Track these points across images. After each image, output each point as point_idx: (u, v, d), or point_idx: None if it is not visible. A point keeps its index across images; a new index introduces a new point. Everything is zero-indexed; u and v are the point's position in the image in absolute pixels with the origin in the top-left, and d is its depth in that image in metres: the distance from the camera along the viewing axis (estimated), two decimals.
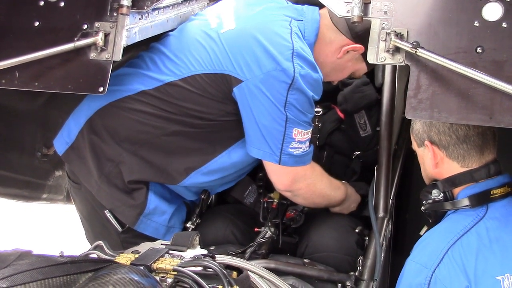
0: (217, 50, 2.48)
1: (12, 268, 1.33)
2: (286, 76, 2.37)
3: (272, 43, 2.42)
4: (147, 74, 2.57)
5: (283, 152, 2.46)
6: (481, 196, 2.15)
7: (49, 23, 2.34)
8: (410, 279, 2.08)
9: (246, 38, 2.46)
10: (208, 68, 2.48)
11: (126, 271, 1.35)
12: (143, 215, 2.60)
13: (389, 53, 2.03)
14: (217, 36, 2.51)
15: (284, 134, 2.43)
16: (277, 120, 2.41)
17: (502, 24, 1.89)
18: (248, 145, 2.54)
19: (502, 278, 1.96)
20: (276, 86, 2.39)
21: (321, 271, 2.50)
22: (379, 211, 2.78)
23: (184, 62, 2.53)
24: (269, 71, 2.39)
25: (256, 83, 2.40)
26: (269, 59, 2.40)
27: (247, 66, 2.42)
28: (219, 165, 2.65)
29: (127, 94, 2.56)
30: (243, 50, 2.44)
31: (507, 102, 1.84)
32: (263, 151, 2.49)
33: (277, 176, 2.59)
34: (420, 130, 2.28)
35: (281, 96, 2.39)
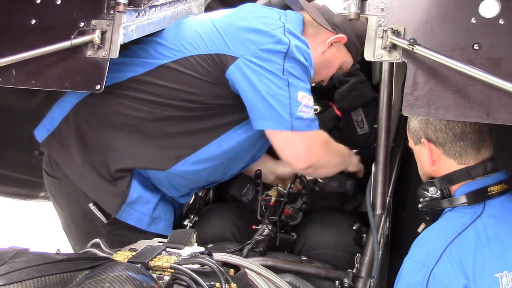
0: (211, 33, 2.50)
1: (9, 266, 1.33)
2: (281, 45, 2.40)
3: (265, 24, 2.48)
4: (137, 60, 2.58)
5: (293, 117, 2.42)
6: (478, 194, 2.15)
7: (46, 21, 2.34)
8: (409, 277, 2.08)
9: (239, 20, 2.52)
10: (202, 50, 2.48)
11: (123, 269, 1.35)
12: (126, 203, 2.57)
13: (386, 50, 2.04)
14: (211, 23, 2.54)
15: (290, 98, 2.41)
16: (280, 85, 2.40)
17: (499, 21, 1.89)
18: (256, 120, 2.48)
19: (500, 275, 1.96)
20: (272, 57, 2.40)
21: (318, 268, 2.50)
22: (377, 208, 2.78)
23: (177, 46, 2.53)
24: (264, 44, 2.42)
25: (252, 57, 2.41)
26: (263, 35, 2.44)
27: (241, 44, 2.44)
28: (209, 154, 2.61)
29: (116, 81, 2.56)
30: (237, 30, 2.47)
31: (504, 99, 1.84)
32: (273, 121, 2.43)
33: (293, 148, 2.50)
34: (417, 128, 2.28)
35: (278, 65, 2.40)
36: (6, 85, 2.34)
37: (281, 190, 2.90)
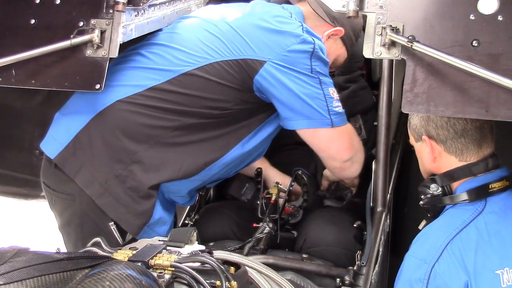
0: (232, 37, 2.46)
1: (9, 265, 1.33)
2: (307, 45, 2.43)
3: (284, 23, 2.49)
4: (155, 68, 2.50)
5: (331, 113, 2.47)
6: (479, 190, 2.15)
7: (45, 20, 2.34)
8: (410, 274, 2.08)
9: (258, 22, 2.49)
10: (226, 56, 2.44)
11: (123, 267, 1.35)
12: (148, 225, 2.49)
13: (385, 47, 2.04)
14: (227, 25, 2.51)
15: (324, 95, 2.45)
16: (313, 84, 2.44)
17: (497, 17, 1.89)
18: (294, 120, 2.49)
19: (501, 272, 1.97)
20: (300, 57, 2.42)
21: (319, 266, 2.50)
22: (377, 205, 2.78)
23: (199, 52, 2.47)
24: (290, 45, 2.42)
25: (280, 60, 2.41)
26: (287, 36, 2.44)
27: (267, 46, 2.43)
28: (233, 157, 2.60)
29: (137, 91, 2.46)
30: (259, 33, 2.46)
31: (503, 95, 1.84)
32: (314, 119, 2.47)
33: (336, 143, 2.56)
34: (418, 125, 2.28)
35: (306, 65, 2.42)
36: (6, 85, 2.35)
37: (281, 188, 2.90)
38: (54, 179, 2.59)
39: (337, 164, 2.67)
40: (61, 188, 2.56)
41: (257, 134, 2.62)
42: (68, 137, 2.50)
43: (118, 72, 2.52)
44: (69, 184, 2.51)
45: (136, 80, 2.49)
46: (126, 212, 2.46)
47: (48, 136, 2.60)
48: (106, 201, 2.45)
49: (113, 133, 2.45)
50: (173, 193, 2.61)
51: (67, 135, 2.50)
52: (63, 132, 2.53)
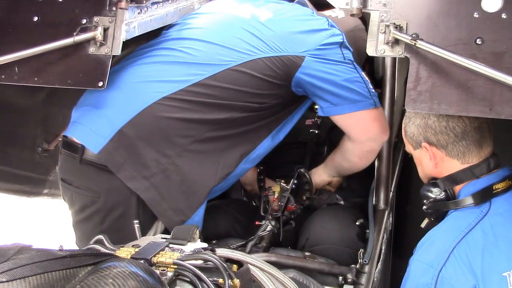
0: (270, 36, 2.53)
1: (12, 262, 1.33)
2: (337, 37, 2.54)
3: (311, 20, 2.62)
4: (198, 63, 2.51)
5: (371, 93, 2.58)
6: (484, 193, 2.15)
7: (48, 18, 2.34)
8: (416, 279, 2.08)
9: (289, 22, 2.59)
10: (268, 53, 2.50)
11: (125, 265, 1.34)
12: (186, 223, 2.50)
13: (389, 45, 2.04)
14: (262, 24, 2.57)
15: (362, 78, 2.56)
16: (350, 70, 2.54)
17: (501, 15, 1.89)
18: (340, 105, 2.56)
19: (508, 274, 1.96)
20: (332, 49, 2.53)
21: (322, 264, 2.50)
22: (380, 204, 2.77)
23: (241, 48, 2.52)
24: (322, 39, 2.51)
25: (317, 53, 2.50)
26: (317, 31, 2.54)
27: (304, 43, 2.51)
28: (263, 150, 2.68)
29: (182, 87, 2.47)
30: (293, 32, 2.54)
31: (507, 93, 1.84)
32: (359, 103, 2.56)
33: (379, 123, 2.65)
34: (415, 133, 2.27)
35: (339, 55, 2.53)
36: (9, 82, 2.35)
37: (284, 186, 2.89)
38: (78, 176, 2.56)
39: (375, 146, 2.75)
40: (86, 185, 2.54)
41: (284, 126, 2.71)
42: (111, 131, 2.44)
43: (157, 68, 2.53)
44: (96, 181, 2.50)
45: (180, 75, 2.50)
46: (168, 208, 2.47)
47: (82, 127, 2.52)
48: (151, 195, 2.45)
49: (159, 128, 2.45)
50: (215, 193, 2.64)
51: (110, 129, 2.44)
52: (105, 125, 2.46)
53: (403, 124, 2.35)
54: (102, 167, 2.45)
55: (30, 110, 3.20)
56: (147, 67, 2.53)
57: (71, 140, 2.53)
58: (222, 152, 2.54)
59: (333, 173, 3.00)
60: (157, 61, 2.56)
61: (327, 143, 3.24)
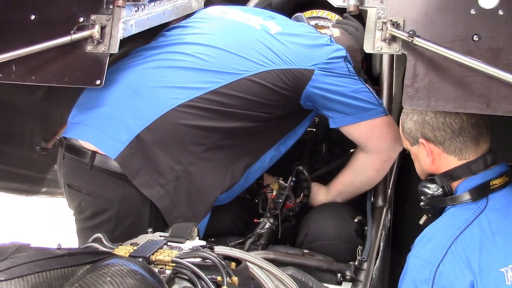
0: (281, 49, 2.56)
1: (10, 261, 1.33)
2: (341, 51, 2.60)
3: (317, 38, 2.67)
4: (214, 70, 2.50)
5: (380, 102, 2.66)
6: (481, 189, 2.15)
7: (45, 16, 2.34)
8: (414, 275, 2.08)
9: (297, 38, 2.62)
10: (280, 65, 2.52)
11: (124, 263, 1.34)
12: None
13: (386, 42, 2.04)
14: (272, 37, 2.61)
15: (368, 88, 2.63)
16: (356, 81, 2.60)
17: (498, 12, 1.89)
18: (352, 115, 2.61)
19: (505, 269, 1.97)
20: (338, 62, 2.58)
21: (320, 261, 2.50)
22: (378, 201, 2.78)
23: (255, 59, 2.53)
24: (328, 54, 2.57)
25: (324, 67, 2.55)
26: (324, 47, 2.60)
27: (312, 57, 2.55)
28: (267, 161, 2.71)
29: (199, 94, 2.45)
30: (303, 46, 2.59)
31: (504, 89, 1.84)
32: (371, 111, 2.61)
33: (393, 129, 2.68)
34: (413, 129, 2.27)
35: (344, 68, 2.59)
36: (6, 81, 2.35)
37: (282, 183, 2.90)
38: (89, 183, 2.49)
39: (393, 154, 2.78)
40: (98, 193, 2.48)
41: (288, 138, 2.74)
42: (129, 136, 2.39)
43: (173, 73, 2.51)
44: (110, 189, 2.45)
45: (196, 82, 2.48)
46: (179, 215, 2.45)
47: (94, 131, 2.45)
48: (165, 203, 2.42)
49: (175, 135, 2.42)
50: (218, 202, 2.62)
51: (128, 134, 2.39)
52: (123, 130, 2.41)
53: (401, 120, 2.36)
54: (115, 174, 2.41)
55: (28, 108, 3.19)
56: (163, 71, 2.51)
57: (78, 145, 2.47)
58: (231, 161, 2.56)
59: (336, 198, 2.98)
60: (173, 65, 2.53)
61: (325, 142, 3.24)
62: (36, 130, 3.30)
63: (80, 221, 2.58)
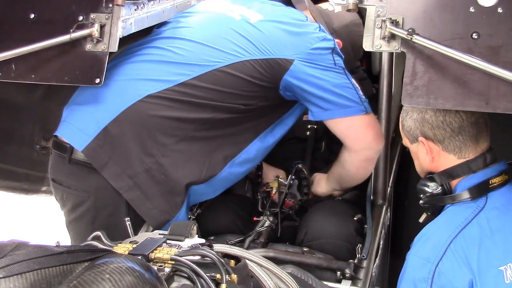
0: (259, 38, 2.50)
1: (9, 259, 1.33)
2: (327, 43, 2.50)
3: (302, 25, 2.56)
4: (184, 63, 2.49)
5: (362, 99, 2.54)
6: (480, 187, 2.15)
7: (44, 15, 2.34)
8: (413, 273, 2.08)
9: (279, 25, 2.54)
10: (256, 55, 2.47)
11: (122, 260, 1.34)
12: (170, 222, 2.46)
13: (385, 40, 2.04)
14: (252, 26, 2.54)
15: (352, 84, 2.53)
16: (340, 75, 2.52)
17: (497, 10, 1.89)
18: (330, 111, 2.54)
19: (504, 268, 1.96)
20: (323, 54, 2.49)
21: (320, 259, 2.51)
22: (378, 199, 2.78)
23: (228, 49, 2.49)
24: (313, 43, 2.48)
25: (306, 57, 2.47)
26: (308, 36, 2.50)
27: (293, 46, 2.48)
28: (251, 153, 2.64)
29: (168, 86, 2.46)
30: (283, 34, 2.51)
31: (503, 87, 1.84)
32: (350, 108, 2.53)
33: (373, 129, 2.62)
34: (412, 127, 2.27)
35: (330, 61, 2.50)
36: (6, 79, 2.35)
37: (282, 181, 2.90)
38: (68, 176, 2.56)
39: (371, 154, 2.70)
40: (75, 185, 2.54)
41: (274, 129, 2.68)
42: (96, 128, 2.44)
43: (144, 66, 2.52)
44: (85, 180, 2.50)
45: (165, 75, 2.48)
46: (153, 207, 2.46)
47: (69, 126, 2.53)
48: (134, 195, 2.45)
49: (144, 126, 2.44)
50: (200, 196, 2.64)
51: (96, 127, 2.45)
52: (91, 123, 2.47)
53: (401, 118, 2.36)
54: (90, 166, 2.45)
55: (28, 107, 3.20)
56: (136, 65, 2.52)
57: (60, 140, 2.54)
58: (207, 153, 2.53)
59: (335, 186, 2.99)
60: (146, 59, 2.54)
61: (325, 138, 3.24)
62: (36, 129, 3.31)
63: (66, 215, 2.66)
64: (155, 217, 2.48)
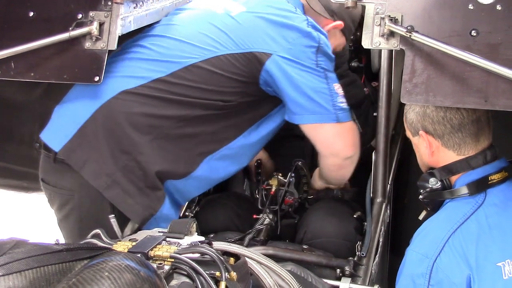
0: (237, 31, 2.44)
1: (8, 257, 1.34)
2: (312, 40, 2.40)
3: (287, 18, 2.45)
4: (160, 60, 2.47)
5: (336, 108, 2.44)
6: (479, 183, 2.15)
7: (43, 13, 2.34)
8: (412, 269, 2.08)
9: (262, 16, 2.46)
10: (233, 49, 2.42)
11: (122, 258, 1.35)
12: (155, 217, 2.47)
13: (384, 37, 2.04)
14: (231, 18, 2.49)
15: (330, 90, 2.43)
16: (318, 78, 2.42)
17: (496, 7, 1.89)
18: (300, 115, 2.47)
19: (502, 264, 1.96)
20: (305, 52, 2.40)
21: (319, 256, 2.50)
22: (377, 196, 2.78)
23: (204, 44, 2.45)
24: (295, 39, 2.40)
25: (286, 53, 2.39)
26: (291, 29, 2.41)
27: (272, 40, 2.40)
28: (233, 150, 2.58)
29: (142, 83, 2.44)
30: (264, 27, 2.43)
31: (502, 84, 1.85)
32: (319, 115, 2.44)
33: (342, 139, 2.53)
34: (414, 120, 2.27)
35: (311, 60, 2.40)
36: (5, 77, 2.35)
37: (281, 179, 2.90)
38: (53, 175, 2.58)
39: (338, 161, 2.63)
40: (61, 184, 2.55)
41: (260, 126, 2.62)
42: (73, 128, 2.45)
43: (122, 64, 2.50)
44: (69, 179, 2.50)
45: (140, 72, 2.46)
46: (135, 203, 2.45)
47: (50, 127, 2.56)
48: (114, 193, 2.43)
49: (118, 123, 2.42)
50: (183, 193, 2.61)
51: (72, 127, 2.45)
52: (68, 123, 2.48)
53: (405, 110, 2.35)
54: None
55: (27, 105, 3.20)
56: (114, 63, 2.50)
57: None
58: (185, 150, 2.50)
59: (324, 182, 2.98)
60: (124, 57, 2.53)
61: None
62: (35, 127, 3.30)
63: (55, 214, 2.67)
64: (138, 213, 2.46)
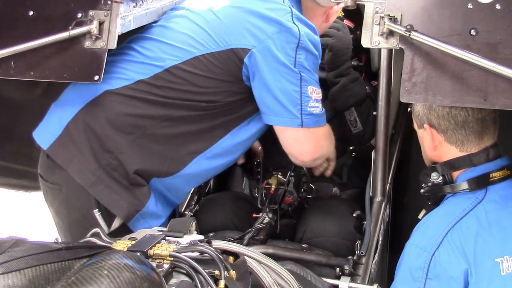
0: (217, 27, 2.41)
1: (7, 255, 1.34)
2: (292, 36, 2.34)
3: (270, 10, 2.40)
4: (144, 62, 2.47)
5: (304, 113, 2.39)
6: (480, 180, 2.15)
7: (43, 12, 2.35)
8: (410, 262, 2.09)
9: (244, 9, 2.43)
10: (212, 48, 2.39)
11: (121, 257, 1.34)
12: (140, 212, 2.48)
13: (383, 37, 2.04)
14: (212, 14, 2.46)
15: (301, 93, 2.37)
16: (292, 80, 2.36)
17: (495, 6, 1.89)
18: (266, 115, 2.45)
19: (501, 260, 1.97)
20: (284, 47, 2.35)
21: (319, 255, 2.51)
22: (377, 195, 2.78)
23: (185, 45, 2.43)
24: (274, 33, 2.34)
25: (264, 48, 2.34)
26: (272, 23, 2.36)
27: (251, 34, 2.36)
28: (224, 148, 2.56)
29: (125, 84, 2.44)
30: (244, 21, 2.39)
31: (502, 84, 1.85)
32: (284, 117, 2.41)
33: (301, 145, 2.49)
34: (420, 113, 2.28)
35: (290, 57, 2.35)
36: (5, 76, 2.36)
37: (281, 178, 2.90)
38: (46, 170, 2.62)
39: (297, 162, 2.64)
40: (51, 178, 2.59)
41: (250, 123, 2.59)
42: (59, 128, 2.50)
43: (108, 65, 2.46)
44: (57, 173, 2.53)
45: (125, 73, 2.47)
46: (120, 199, 2.46)
47: (41, 127, 2.60)
48: (98, 189, 2.44)
49: (101, 123, 2.44)
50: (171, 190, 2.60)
51: (59, 126, 2.50)
52: (55, 123, 2.53)
53: None
54: None
55: (27, 104, 3.19)
56: None
57: None
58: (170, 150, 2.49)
59: None
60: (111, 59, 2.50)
61: None
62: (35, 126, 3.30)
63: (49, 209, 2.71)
64: (122, 208, 2.46)
